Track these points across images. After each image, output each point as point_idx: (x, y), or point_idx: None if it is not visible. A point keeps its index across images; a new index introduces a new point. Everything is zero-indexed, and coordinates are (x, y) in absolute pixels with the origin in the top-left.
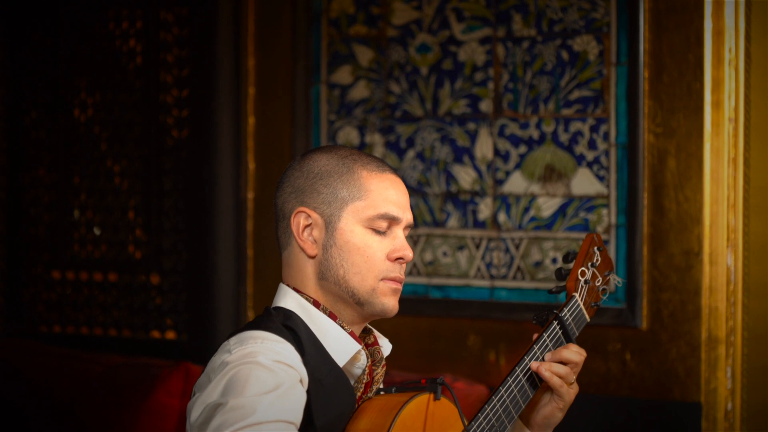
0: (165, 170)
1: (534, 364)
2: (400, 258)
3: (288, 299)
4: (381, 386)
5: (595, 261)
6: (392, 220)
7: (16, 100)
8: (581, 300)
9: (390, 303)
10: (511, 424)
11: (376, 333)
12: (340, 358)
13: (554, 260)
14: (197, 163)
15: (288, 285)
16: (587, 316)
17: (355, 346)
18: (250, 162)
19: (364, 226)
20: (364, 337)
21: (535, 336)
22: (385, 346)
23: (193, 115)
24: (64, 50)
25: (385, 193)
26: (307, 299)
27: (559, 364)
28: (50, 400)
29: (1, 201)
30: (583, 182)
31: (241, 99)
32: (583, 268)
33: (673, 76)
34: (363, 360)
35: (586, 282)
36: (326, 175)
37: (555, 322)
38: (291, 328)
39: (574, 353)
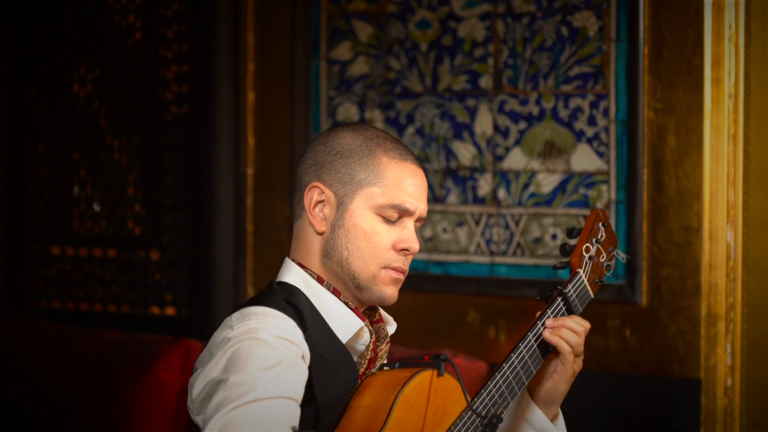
0: (164, 146)
1: (544, 332)
2: (406, 249)
3: (292, 274)
4: (384, 361)
5: (599, 237)
6: (404, 212)
7: (16, 76)
8: (585, 276)
9: (388, 292)
10: (513, 401)
11: (382, 312)
12: (343, 334)
13: (554, 236)
14: (196, 138)
15: (293, 260)
16: (591, 293)
17: (358, 323)
18: (249, 137)
19: (375, 213)
20: (369, 315)
21: (539, 313)
22: (390, 324)
23: (193, 90)
24: (63, 26)
25: (401, 184)
26: (311, 275)
27: (570, 331)
28: (50, 377)
29: (0, 177)
30: (583, 158)
31: (240, 75)
32: (587, 244)
33: (673, 52)
34: (366, 337)
35: (590, 258)
36: (347, 154)
37: (559, 299)
38: (294, 304)
39: (577, 324)
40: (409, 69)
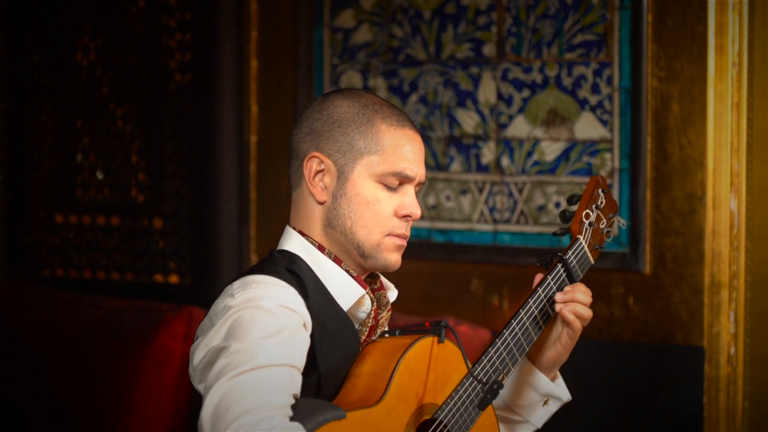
0: (167, 114)
1: (558, 307)
2: (408, 215)
3: (293, 242)
4: (385, 328)
5: (599, 203)
6: (404, 179)
7: (18, 44)
8: (585, 242)
9: (393, 258)
10: (514, 367)
11: (383, 280)
12: (345, 302)
13: (557, 204)
14: (200, 106)
15: (294, 228)
16: (591, 259)
17: (360, 291)
18: (252, 105)
19: (376, 181)
20: (370, 282)
21: (538, 279)
22: (391, 291)
23: (196, 58)
24: None
25: (400, 150)
26: (312, 243)
27: (583, 306)
28: (53, 344)
29: (3, 145)
30: (587, 126)
31: (243, 42)
32: (587, 211)
33: (677, 20)
34: (367, 304)
35: (590, 224)
36: (345, 123)
37: (559, 265)
38: (295, 272)
39: (583, 294)
40: (412, 37)
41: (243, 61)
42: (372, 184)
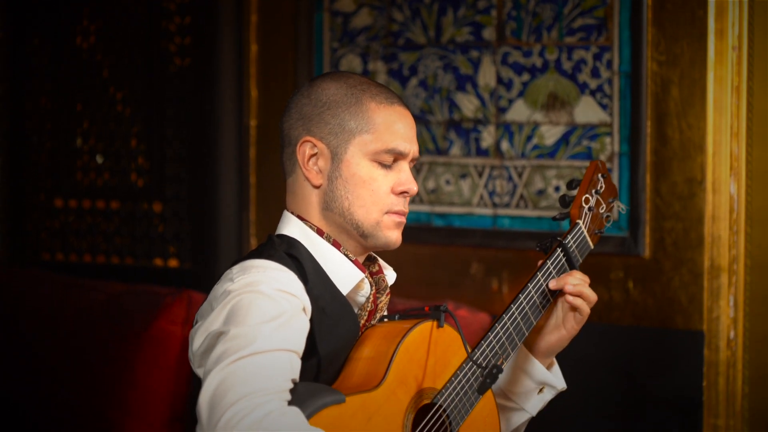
0: (167, 98)
1: (569, 295)
2: (405, 192)
3: (292, 227)
4: (384, 312)
5: (599, 188)
6: (398, 155)
7: (18, 27)
8: (585, 227)
9: (393, 236)
10: (513, 352)
11: (381, 262)
12: (344, 286)
13: (557, 188)
14: (200, 90)
15: (292, 213)
16: (591, 244)
17: (359, 275)
18: (252, 89)
19: (370, 160)
20: (368, 266)
21: (539, 263)
22: (390, 275)
23: (196, 42)
24: None
25: (392, 127)
26: (311, 227)
27: (590, 293)
28: (53, 328)
29: (3, 129)
30: (586, 110)
31: (243, 26)
32: (587, 195)
33: (677, 4)
34: (366, 288)
35: (590, 209)
36: (334, 105)
37: (559, 250)
38: (294, 257)
39: (578, 279)
40: (412, 20)
41: (243, 45)
42: (367, 163)
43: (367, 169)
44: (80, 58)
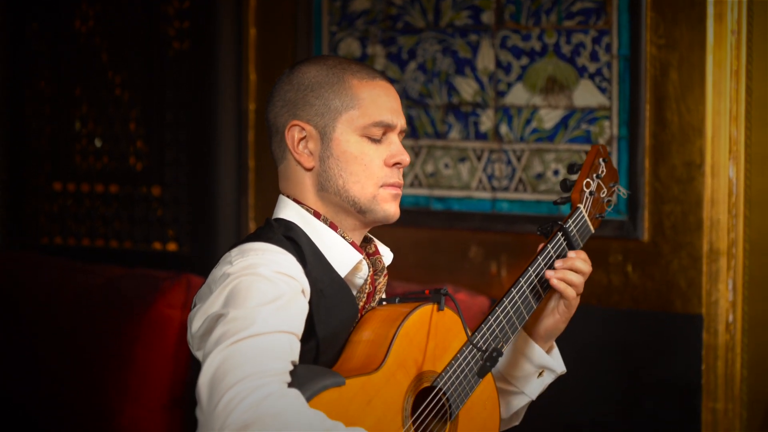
0: (166, 82)
1: (548, 273)
2: (398, 163)
3: (288, 210)
4: (383, 296)
5: (600, 172)
6: (387, 127)
7: (17, 11)
8: (586, 211)
9: (391, 209)
10: (514, 335)
11: (377, 242)
12: (342, 268)
13: (556, 172)
14: (198, 74)
15: (288, 196)
16: (592, 228)
17: (357, 256)
18: (251, 73)
19: (360, 135)
20: (364, 247)
21: (540, 247)
22: (386, 255)
23: (195, 26)
24: None
25: (377, 101)
26: (307, 210)
27: (573, 273)
28: (52, 312)
29: (2, 113)
30: (585, 94)
31: (242, 10)
32: (588, 180)
33: None
34: (364, 270)
35: (591, 193)
36: (317, 86)
37: (559, 234)
38: (292, 239)
39: (583, 262)
40: (411, 4)
41: (242, 28)
42: (356, 139)
43: (357, 144)
44: (79, 42)
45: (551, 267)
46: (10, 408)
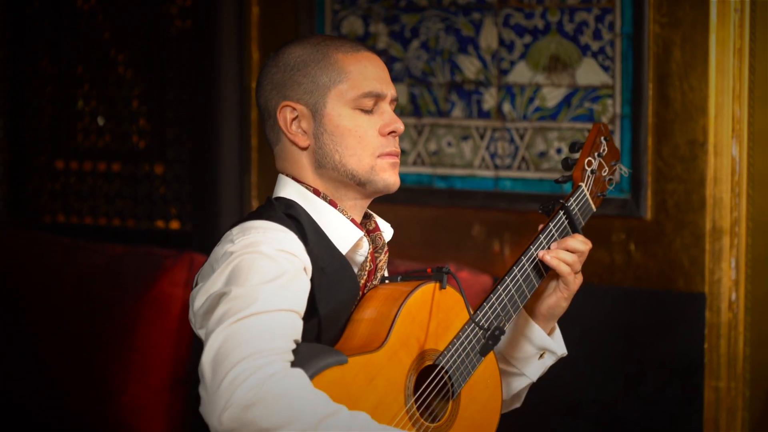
0: (168, 60)
1: (541, 253)
2: (393, 132)
3: (289, 188)
4: (386, 273)
5: (601, 151)
6: (377, 97)
7: None
8: (587, 190)
9: (391, 178)
10: (516, 314)
11: (377, 218)
12: (343, 245)
13: (559, 150)
14: (201, 52)
15: (287, 174)
16: (593, 206)
17: (357, 233)
18: (253, 51)
19: (351, 108)
20: (364, 223)
21: (541, 226)
22: (386, 231)
23: (197, 4)
24: None
25: (364, 72)
26: (307, 188)
27: (566, 252)
28: (54, 290)
29: (4, 92)
30: (588, 72)
31: None
32: (589, 158)
33: None
34: (365, 247)
35: (592, 172)
36: (303, 65)
37: (561, 212)
38: (293, 217)
39: (580, 242)
40: None
41: (244, 7)
42: (348, 112)
43: (349, 117)
44: (81, 20)
45: None
46: (12, 384)
